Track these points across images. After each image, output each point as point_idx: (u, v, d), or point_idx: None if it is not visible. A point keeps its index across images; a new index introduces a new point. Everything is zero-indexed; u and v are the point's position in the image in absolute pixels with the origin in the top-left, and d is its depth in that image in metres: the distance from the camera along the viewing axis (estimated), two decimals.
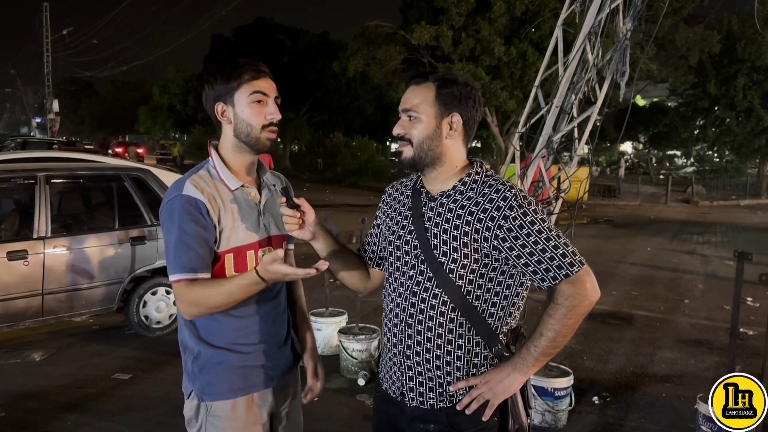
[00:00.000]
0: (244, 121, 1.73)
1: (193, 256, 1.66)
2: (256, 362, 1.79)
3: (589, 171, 10.23)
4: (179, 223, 1.66)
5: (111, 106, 54.02)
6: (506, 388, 1.59)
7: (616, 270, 8.86)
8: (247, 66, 1.73)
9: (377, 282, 1.87)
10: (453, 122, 1.64)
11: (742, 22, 20.24)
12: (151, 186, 5.42)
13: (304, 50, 30.74)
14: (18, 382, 4.44)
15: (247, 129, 1.74)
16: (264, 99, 1.74)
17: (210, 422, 1.77)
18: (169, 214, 1.69)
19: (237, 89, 1.72)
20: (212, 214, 1.69)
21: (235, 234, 1.73)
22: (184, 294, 1.66)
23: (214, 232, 1.70)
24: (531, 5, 16.06)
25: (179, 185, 1.72)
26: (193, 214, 1.67)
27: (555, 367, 3.90)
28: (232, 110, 1.74)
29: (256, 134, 1.74)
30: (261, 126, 1.74)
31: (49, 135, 32.81)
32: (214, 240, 1.70)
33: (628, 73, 4.37)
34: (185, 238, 1.66)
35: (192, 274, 1.66)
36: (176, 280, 1.66)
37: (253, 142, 1.75)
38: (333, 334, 4.89)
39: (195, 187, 1.70)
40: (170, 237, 1.68)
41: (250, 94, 1.71)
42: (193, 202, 1.68)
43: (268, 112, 1.74)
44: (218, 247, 1.71)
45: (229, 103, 1.74)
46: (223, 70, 1.73)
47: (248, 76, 1.72)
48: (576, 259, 1.56)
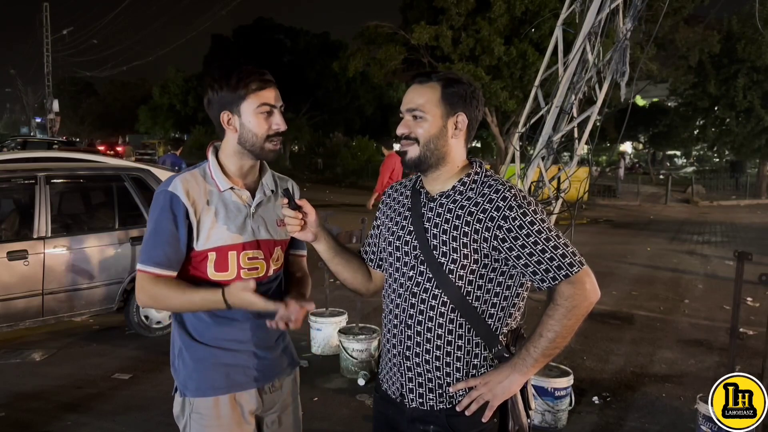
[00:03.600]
0: (250, 131, 1.74)
1: (161, 253, 1.71)
2: (240, 362, 1.79)
3: (589, 171, 10.22)
4: (157, 218, 1.73)
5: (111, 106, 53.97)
6: (506, 389, 1.59)
7: (616, 270, 8.85)
8: (255, 75, 1.73)
9: (379, 283, 1.87)
10: (458, 122, 1.64)
11: (742, 22, 20.22)
12: (151, 186, 5.41)
13: (304, 50, 30.72)
14: (18, 382, 4.44)
15: (252, 139, 1.75)
16: (271, 110, 1.75)
17: (194, 419, 1.78)
18: (153, 207, 1.76)
19: (244, 99, 1.72)
20: (191, 214, 1.73)
21: (216, 233, 1.74)
22: (145, 285, 1.73)
23: (192, 232, 1.73)
24: (531, 5, 16.06)
25: (170, 181, 1.76)
26: (172, 212, 1.72)
27: (555, 367, 3.89)
28: (238, 120, 1.75)
29: (261, 144, 1.76)
30: (266, 136, 1.75)
31: (49, 135, 32.81)
32: (193, 239, 1.73)
33: (628, 73, 4.38)
34: (158, 234, 1.72)
35: (157, 269, 1.72)
36: (142, 270, 1.73)
37: (258, 151, 1.77)
38: (333, 334, 4.89)
39: (182, 185, 1.74)
40: (148, 228, 1.76)
41: (257, 105, 1.72)
42: (175, 201, 1.72)
43: (274, 123, 1.75)
44: (197, 245, 1.74)
45: (235, 112, 1.74)
46: (230, 78, 1.72)
47: (255, 86, 1.72)
48: (575, 259, 1.55)
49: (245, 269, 1.77)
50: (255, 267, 1.80)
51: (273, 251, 1.84)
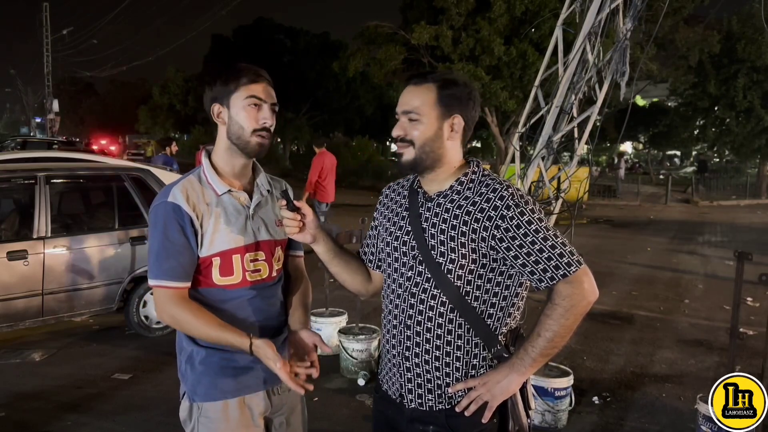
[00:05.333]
0: (237, 123, 1.75)
1: (174, 264, 1.70)
2: (249, 365, 1.79)
3: (589, 171, 10.23)
4: (163, 230, 1.70)
5: (111, 106, 53.98)
6: (504, 389, 1.58)
7: (616, 270, 8.85)
8: (246, 70, 1.75)
9: (378, 284, 1.86)
10: (454, 124, 1.63)
11: (742, 22, 20.23)
12: (151, 186, 5.41)
13: (304, 50, 30.70)
14: (18, 382, 4.44)
15: (238, 131, 1.75)
16: (260, 104, 1.75)
17: (202, 423, 1.77)
18: (155, 220, 1.73)
19: (234, 92, 1.74)
20: (195, 222, 1.72)
21: (219, 238, 1.74)
22: (166, 305, 1.71)
23: (197, 239, 1.72)
24: (531, 5, 16.05)
25: (167, 191, 1.75)
26: (178, 222, 1.70)
27: (555, 367, 3.89)
28: (227, 112, 1.76)
29: (247, 137, 1.76)
30: (252, 129, 1.75)
31: (49, 135, 32.78)
32: (198, 246, 1.73)
33: (628, 73, 4.38)
34: (168, 245, 1.70)
35: (172, 282, 1.70)
36: (157, 285, 1.71)
37: (243, 145, 1.77)
38: (333, 334, 4.88)
39: (181, 194, 1.73)
40: (153, 242, 1.72)
41: (246, 97, 1.73)
42: (178, 211, 1.70)
43: (262, 117, 1.75)
44: (202, 252, 1.73)
45: (225, 104, 1.76)
46: (223, 72, 1.76)
47: (246, 80, 1.74)
48: (574, 259, 1.55)
49: (249, 272, 1.78)
50: (258, 269, 1.80)
51: (274, 251, 1.84)
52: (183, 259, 1.70)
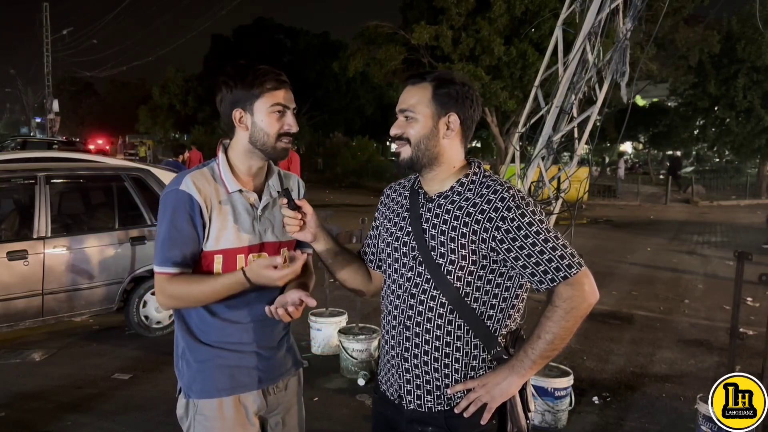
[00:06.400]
0: (261, 129, 1.74)
1: (178, 253, 1.70)
2: (244, 363, 1.79)
3: (589, 171, 10.22)
4: (171, 218, 1.70)
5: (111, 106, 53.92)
6: (504, 391, 1.58)
7: (616, 270, 8.85)
8: (271, 75, 1.73)
9: (379, 284, 1.86)
10: (450, 122, 1.63)
11: (742, 22, 20.20)
12: (151, 186, 5.42)
13: (304, 50, 30.70)
14: (18, 382, 4.44)
15: (263, 138, 1.75)
16: (284, 110, 1.75)
17: (198, 421, 1.78)
18: (164, 207, 1.73)
19: (258, 98, 1.72)
20: (205, 213, 1.72)
21: (225, 236, 1.74)
22: (164, 286, 1.72)
23: (204, 231, 1.72)
24: (531, 5, 16.05)
25: (179, 179, 1.75)
26: (186, 211, 1.70)
27: (555, 367, 3.89)
28: (250, 118, 1.75)
29: (272, 143, 1.75)
30: (277, 135, 1.75)
31: (49, 135, 32.78)
32: (204, 238, 1.73)
33: (628, 73, 4.37)
34: (174, 233, 1.70)
35: (175, 269, 1.70)
36: (159, 272, 1.72)
37: (269, 151, 1.77)
38: (333, 334, 4.89)
39: (193, 184, 1.72)
40: (161, 229, 1.73)
41: (271, 105, 1.73)
42: (188, 199, 1.70)
43: (287, 123, 1.75)
44: (206, 246, 1.73)
45: (248, 110, 1.74)
46: (246, 75, 1.72)
47: (270, 86, 1.72)
48: (574, 261, 1.54)
49: None
50: None
51: (282, 253, 1.83)
52: (187, 249, 1.71)
